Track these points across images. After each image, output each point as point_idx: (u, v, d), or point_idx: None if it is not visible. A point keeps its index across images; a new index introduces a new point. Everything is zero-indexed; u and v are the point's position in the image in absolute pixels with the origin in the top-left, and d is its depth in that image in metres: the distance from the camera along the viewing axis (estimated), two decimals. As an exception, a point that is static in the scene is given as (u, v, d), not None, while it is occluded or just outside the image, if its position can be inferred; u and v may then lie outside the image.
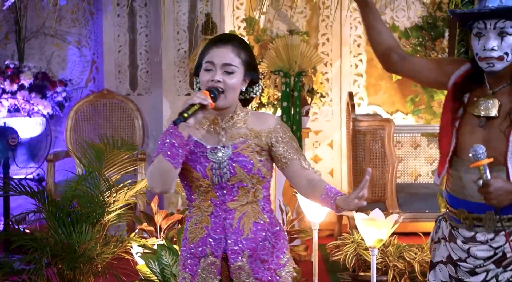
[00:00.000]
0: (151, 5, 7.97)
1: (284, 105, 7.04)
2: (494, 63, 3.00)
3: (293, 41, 7.15)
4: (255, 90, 3.12)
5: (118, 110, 7.97)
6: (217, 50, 3.00)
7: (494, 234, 3.04)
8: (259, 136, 3.04)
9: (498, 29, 2.99)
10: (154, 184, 3.00)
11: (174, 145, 2.89)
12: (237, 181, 3.00)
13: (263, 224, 3.05)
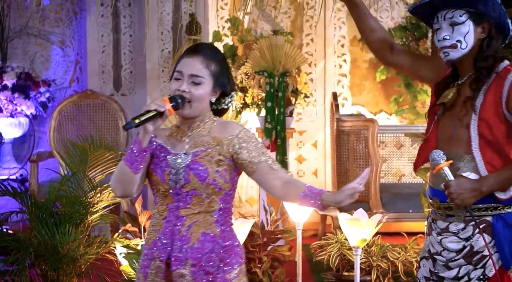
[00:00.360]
0: (135, 5, 7.96)
1: (268, 105, 7.05)
2: (448, 51, 3.07)
3: (277, 42, 7.15)
4: (227, 102, 3.10)
5: (102, 110, 7.95)
6: (187, 60, 3.02)
7: (465, 224, 3.08)
8: (221, 144, 3.02)
9: (448, 20, 3.06)
10: (115, 187, 3.06)
11: (133, 151, 2.93)
12: (191, 189, 2.99)
13: (212, 236, 3.01)
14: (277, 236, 5.86)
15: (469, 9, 3.06)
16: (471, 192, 3.01)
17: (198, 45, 3.12)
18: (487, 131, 3.03)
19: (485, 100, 3.05)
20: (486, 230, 3.07)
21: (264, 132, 7.08)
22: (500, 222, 3.06)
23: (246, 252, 5.61)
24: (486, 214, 3.08)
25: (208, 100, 3.04)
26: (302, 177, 8.12)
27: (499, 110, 3.03)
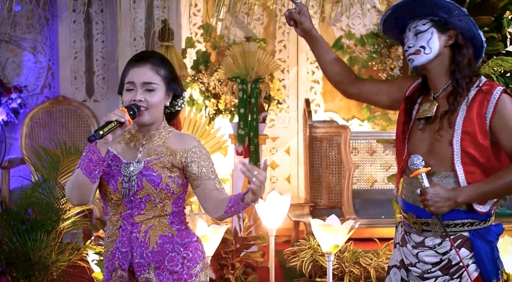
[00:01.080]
0: (108, 11, 7.94)
1: (241, 111, 7.06)
2: (412, 58, 3.12)
3: (250, 48, 7.17)
4: (180, 103, 3.16)
5: (74, 116, 7.92)
6: (136, 69, 3.05)
7: (441, 239, 3.09)
8: (174, 154, 3.06)
9: (413, 30, 3.13)
10: (71, 196, 3.06)
11: (92, 160, 2.94)
12: (145, 195, 3.03)
13: (170, 236, 3.07)
14: (250, 242, 5.86)
15: (432, 18, 3.12)
16: (446, 201, 3.02)
17: (143, 54, 3.14)
18: (471, 145, 3.04)
19: (468, 114, 3.06)
20: (465, 244, 3.09)
21: (237, 138, 7.08)
22: (477, 237, 3.08)
23: (219, 259, 5.63)
24: (463, 230, 3.10)
25: (162, 106, 3.08)
26: (275, 183, 8.14)
27: (483, 126, 3.04)
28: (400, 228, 3.30)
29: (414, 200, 3.14)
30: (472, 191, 3.03)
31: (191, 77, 7.76)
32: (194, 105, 7.81)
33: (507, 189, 3.07)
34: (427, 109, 3.14)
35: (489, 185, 3.04)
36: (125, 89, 3.05)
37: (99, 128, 2.88)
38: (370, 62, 8.00)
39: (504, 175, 3.04)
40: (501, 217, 5.67)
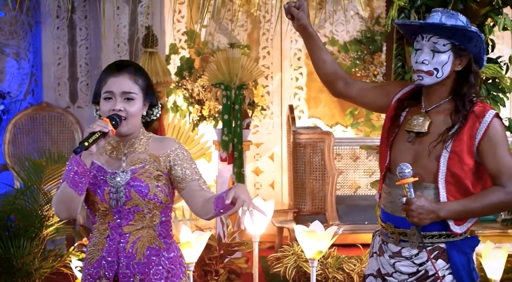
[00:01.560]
0: (91, 17, 7.93)
1: (225, 118, 7.07)
2: (423, 76, 3.11)
3: (234, 54, 7.19)
4: (155, 113, 3.17)
5: (58, 123, 7.90)
6: (115, 79, 3.04)
7: (418, 250, 3.13)
8: (157, 160, 3.08)
9: (432, 44, 3.11)
10: (58, 210, 3.05)
11: (77, 173, 2.93)
12: (133, 206, 3.03)
13: (157, 249, 3.08)
14: (233, 248, 5.87)
15: (453, 41, 3.11)
16: (429, 214, 3.05)
17: (119, 63, 3.14)
18: (457, 164, 3.08)
19: (459, 135, 3.10)
20: (441, 255, 3.13)
21: (221, 144, 7.09)
22: (453, 249, 3.13)
23: (203, 265, 5.64)
24: (440, 241, 3.14)
25: (141, 115, 3.10)
26: (259, 189, 8.15)
27: (471, 147, 3.09)
28: (378, 237, 3.32)
29: (393, 210, 3.17)
30: (454, 208, 3.08)
31: (175, 84, 7.76)
32: (178, 112, 7.81)
33: (488, 209, 3.12)
34: (419, 124, 3.15)
35: (472, 203, 3.08)
36: (103, 98, 3.04)
37: (84, 139, 2.88)
38: (353, 68, 8.04)
39: (487, 195, 3.09)
40: (483, 223, 5.71)
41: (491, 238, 5.37)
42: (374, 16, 8.13)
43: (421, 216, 3.03)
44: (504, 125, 3.21)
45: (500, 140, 3.09)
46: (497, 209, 3.16)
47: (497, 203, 3.09)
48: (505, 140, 3.13)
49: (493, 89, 4.83)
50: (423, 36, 3.14)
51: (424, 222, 3.05)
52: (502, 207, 3.16)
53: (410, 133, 3.15)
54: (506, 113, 6.01)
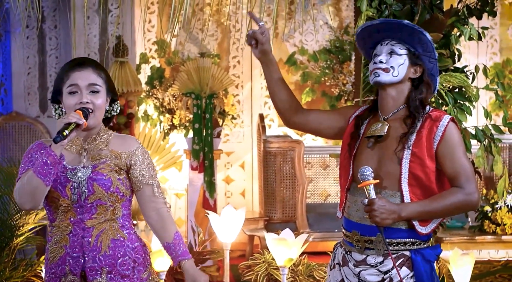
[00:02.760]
0: (61, 27, 7.92)
1: (196, 127, 7.09)
2: (379, 73, 3.21)
3: (204, 64, 7.22)
4: (115, 108, 3.22)
5: (28, 132, 7.88)
6: (79, 73, 3.08)
7: (383, 258, 3.18)
8: (119, 157, 3.13)
9: (390, 48, 3.22)
10: (23, 201, 3.03)
11: (47, 163, 2.94)
12: (96, 199, 3.07)
13: (122, 240, 3.11)
14: (205, 256, 5.90)
15: (409, 47, 3.23)
16: (390, 214, 3.10)
17: (80, 59, 3.19)
18: (418, 167, 3.16)
19: (418, 138, 3.17)
20: (406, 263, 3.18)
21: (191, 153, 7.11)
22: (418, 256, 3.18)
23: (174, 273, 5.65)
24: (405, 249, 3.19)
25: (104, 108, 3.14)
26: (230, 198, 8.17)
27: (430, 150, 3.17)
28: (340, 248, 3.36)
29: (359, 218, 3.22)
30: (415, 208, 3.13)
31: (145, 93, 7.78)
32: (149, 121, 7.83)
33: (449, 210, 3.19)
34: (378, 129, 3.22)
35: (432, 204, 3.14)
36: (68, 92, 3.07)
37: (61, 130, 2.90)
38: (323, 77, 8.10)
39: (446, 196, 3.16)
40: (451, 230, 5.78)
41: (459, 244, 5.44)
42: (343, 25, 8.20)
43: (383, 216, 3.08)
44: (459, 129, 3.32)
45: (456, 143, 3.18)
46: (457, 210, 3.21)
47: (457, 204, 3.16)
48: (461, 143, 3.22)
49: (460, 98, 4.91)
50: (381, 43, 3.25)
51: (385, 222, 3.10)
52: (462, 208, 3.21)
53: (370, 139, 3.22)
54: (472, 121, 6.10)
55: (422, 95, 3.24)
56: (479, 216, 5.82)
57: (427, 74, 3.28)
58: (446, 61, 4.92)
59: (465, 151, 3.23)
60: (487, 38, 8.02)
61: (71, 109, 3.04)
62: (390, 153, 3.18)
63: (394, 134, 3.20)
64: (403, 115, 3.23)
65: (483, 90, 5.06)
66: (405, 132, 3.18)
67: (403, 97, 3.25)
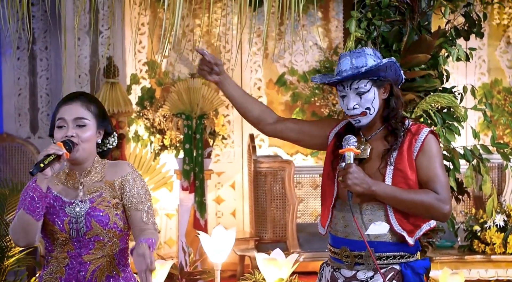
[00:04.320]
0: (52, 48, 7.95)
1: (187, 147, 7.12)
2: (359, 119, 3.25)
3: (194, 84, 7.26)
4: (111, 141, 3.22)
5: (18, 153, 7.88)
6: (67, 107, 3.09)
7: (373, 273, 3.21)
8: (113, 187, 3.12)
9: (355, 90, 3.23)
10: (17, 238, 3.05)
11: (34, 198, 2.95)
12: (94, 235, 3.07)
13: (117, 277, 3.12)
14: (196, 277, 5.90)
15: (372, 78, 3.24)
16: (362, 183, 3.15)
17: (72, 94, 3.20)
18: (402, 180, 3.21)
19: (400, 153, 3.22)
20: (396, 277, 3.22)
21: (182, 173, 7.13)
22: (408, 269, 3.22)
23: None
24: (394, 262, 3.24)
25: (95, 142, 3.13)
26: (221, 218, 8.18)
27: (411, 162, 3.22)
28: (327, 267, 3.39)
29: (347, 234, 3.26)
30: (387, 189, 3.18)
31: (136, 113, 7.80)
32: (140, 141, 7.84)
33: (417, 206, 3.20)
34: (362, 151, 3.26)
35: (404, 194, 3.19)
36: (56, 126, 3.08)
37: (39, 161, 2.90)
38: (312, 98, 8.15)
39: (420, 193, 3.20)
40: (440, 249, 5.82)
41: (448, 264, 5.48)
42: (332, 46, 8.26)
43: (355, 181, 3.13)
44: (439, 141, 3.37)
45: (433, 154, 3.23)
46: (425, 211, 3.22)
47: (427, 204, 3.19)
48: (439, 155, 3.27)
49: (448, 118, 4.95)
50: (343, 86, 3.25)
51: (356, 188, 3.14)
52: (430, 210, 3.21)
53: (354, 161, 3.24)
54: (461, 141, 6.15)
55: (395, 112, 3.28)
56: (468, 235, 5.85)
57: (393, 79, 3.30)
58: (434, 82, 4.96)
59: (442, 164, 3.28)
60: (475, 58, 8.09)
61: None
62: (374, 171, 3.23)
63: (376, 153, 3.25)
64: (384, 134, 3.28)
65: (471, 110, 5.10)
66: (387, 148, 3.24)
67: (381, 117, 3.30)
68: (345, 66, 3.25)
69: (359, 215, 3.22)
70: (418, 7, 4.92)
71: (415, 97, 4.93)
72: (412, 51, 4.88)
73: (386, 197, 3.19)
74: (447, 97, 4.85)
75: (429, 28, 5.05)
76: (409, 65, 4.92)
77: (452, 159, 5.00)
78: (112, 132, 3.22)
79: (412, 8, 4.91)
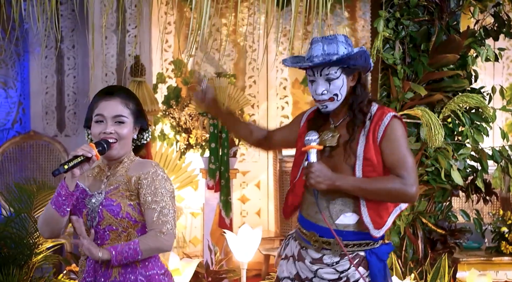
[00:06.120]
0: (79, 47, 7.99)
1: (212, 146, 7.13)
2: (327, 104, 3.32)
3: (220, 83, 7.26)
4: (145, 137, 3.25)
5: (45, 151, 7.93)
6: (106, 103, 3.12)
7: (340, 258, 3.30)
8: (129, 181, 3.12)
9: (325, 76, 3.29)
10: (42, 230, 3.12)
11: (61, 194, 3.00)
12: (107, 225, 3.08)
13: (134, 267, 3.10)
14: (221, 275, 5.91)
15: (342, 66, 3.29)
16: (326, 180, 3.22)
17: (111, 88, 3.24)
18: (371, 170, 3.27)
19: (367, 142, 3.28)
20: (362, 263, 3.32)
21: (208, 172, 7.14)
22: (372, 256, 3.33)
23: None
24: (360, 249, 3.33)
25: (131, 139, 3.17)
26: (246, 217, 8.19)
27: (376, 148, 3.28)
28: (294, 242, 3.48)
29: (317, 220, 3.33)
30: (351, 182, 3.25)
31: (162, 112, 7.82)
32: (165, 140, 7.87)
33: (382, 194, 3.26)
34: (329, 139, 3.34)
35: (368, 183, 3.25)
36: (94, 121, 3.12)
37: (65, 162, 2.94)
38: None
39: (384, 180, 3.25)
40: (467, 250, 5.78)
41: (476, 265, 5.44)
42: (359, 46, 8.23)
43: (318, 179, 3.21)
44: (405, 124, 3.38)
45: (398, 137, 3.28)
46: (392, 197, 3.28)
47: (392, 191, 3.23)
48: (403, 138, 3.30)
49: (476, 118, 4.93)
50: (314, 71, 3.31)
51: (320, 186, 3.22)
52: (397, 196, 3.26)
53: (325, 148, 3.33)
54: (489, 142, 6.11)
55: (360, 99, 3.34)
56: (495, 237, 5.82)
57: (363, 67, 3.34)
58: (462, 82, 4.95)
59: (407, 146, 3.32)
60: (503, 59, 8.03)
61: (96, 137, 3.10)
62: (342, 160, 3.31)
63: (342, 141, 3.33)
64: (348, 121, 3.35)
65: (499, 111, 5.08)
66: (347, 140, 3.31)
67: (347, 104, 3.36)
68: (317, 52, 3.29)
69: (327, 209, 3.30)
70: (447, 6, 4.90)
71: (443, 97, 4.92)
72: (441, 51, 4.87)
73: (352, 190, 3.25)
74: (475, 98, 4.84)
75: (457, 28, 5.04)
76: (437, 65, 4.91)
77: (480, 160, 4.98)
78: (147, 128, 3.25)
79: (440, 8, 4.90)
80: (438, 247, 5.04)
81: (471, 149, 4.98)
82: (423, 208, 5.04)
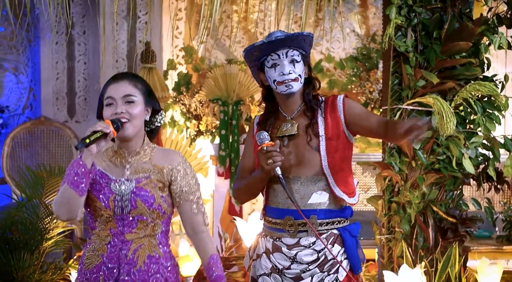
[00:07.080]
0: (90, 33, 7.99)
1: (223, 133, 7.13)
2: (292, 84, 3.41)
3: (231, 70, 7.26)
4: (159, 119, 3.26)
5: (56, 137, 7.95)
6: (115, 85, 3.14)
7: (316, 238, 3.38)
8: (161, 172, 3.15)
9: (290, 57, 3.42)
10: (59, 212, 3.07)
11: (78, 174, 2.98)
12: (138, 214, 3.10)
13: (157, 257, 3.15)
14: (231, 262, 5.92)
15: (301, 52, 3.45)
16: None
17: (118, 74, 3.25)
18: (333, 149, 3.39)
19: (326, 124, 3.41)
20: (337, 240, 3.42)
21: (218, 159, 7.15)
22: (345, 232, 3.45)
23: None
24: (333, 228, 3.43)
25: (143, 119, 3.17)
26: (255, 204, 8.19)
27: (340, 129, 3.41)
28: (263, 239, 3.52)
29: (289, 205, 3.40)
30: None
31: (172, 99, 7.82)
32: (176, 126, 7.87)
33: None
34: (289, 129, 3.44)
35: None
36: (105, 105, 3.13)
37: (85, 137, 2.94)
38: (349, 85, 8.11)
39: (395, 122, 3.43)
40: (478, 239, 5.76)
41: (486, 254, 5.42)
42: (370, 33, 8.21)
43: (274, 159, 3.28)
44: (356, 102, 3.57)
45: (359, 106, 3.48)
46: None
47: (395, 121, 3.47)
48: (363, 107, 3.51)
49: (489, 107, 4.91)
50: (279, 54, 3.42)
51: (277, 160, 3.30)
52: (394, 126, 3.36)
53: (284, 138, 3.44)
54: (501, 131, 6.09)
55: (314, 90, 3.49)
56: (507, 225, 5.80)
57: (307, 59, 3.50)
58: (475, 70, 4.92)
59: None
60: (515, 47, 8.00)
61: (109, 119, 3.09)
62: (305, 144, 3.41)
63: (302, 127, 3.44)
64: (304, 110, 3.47)
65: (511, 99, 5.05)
66: (309, 122, 3.43)
67: (301, 95, 3.49)
68: (277, 33, 3.43)
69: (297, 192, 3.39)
70: (460, -6, 4.87)
71: (455, 85, 4.90)
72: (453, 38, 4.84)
73: None
74: (488, 86, 4.81)
75: (470, 15, 5.01)
76: (449, 53, 4.89)
77: (492, 148, 4.96)
78: (160, 110, 3.26)
79: (453, -5, 4.86)
80: (449, 236, 5.02)
81: (482, 138, 4.95)
82: (434, 196, 5.02)
